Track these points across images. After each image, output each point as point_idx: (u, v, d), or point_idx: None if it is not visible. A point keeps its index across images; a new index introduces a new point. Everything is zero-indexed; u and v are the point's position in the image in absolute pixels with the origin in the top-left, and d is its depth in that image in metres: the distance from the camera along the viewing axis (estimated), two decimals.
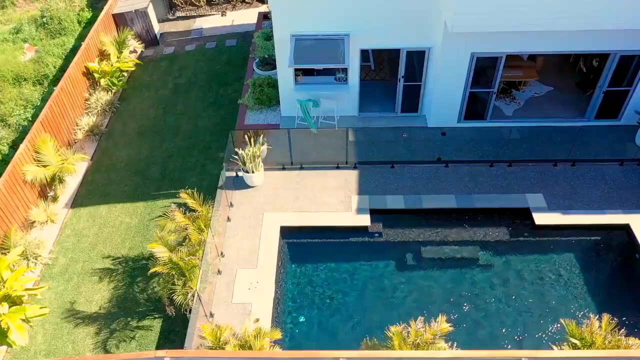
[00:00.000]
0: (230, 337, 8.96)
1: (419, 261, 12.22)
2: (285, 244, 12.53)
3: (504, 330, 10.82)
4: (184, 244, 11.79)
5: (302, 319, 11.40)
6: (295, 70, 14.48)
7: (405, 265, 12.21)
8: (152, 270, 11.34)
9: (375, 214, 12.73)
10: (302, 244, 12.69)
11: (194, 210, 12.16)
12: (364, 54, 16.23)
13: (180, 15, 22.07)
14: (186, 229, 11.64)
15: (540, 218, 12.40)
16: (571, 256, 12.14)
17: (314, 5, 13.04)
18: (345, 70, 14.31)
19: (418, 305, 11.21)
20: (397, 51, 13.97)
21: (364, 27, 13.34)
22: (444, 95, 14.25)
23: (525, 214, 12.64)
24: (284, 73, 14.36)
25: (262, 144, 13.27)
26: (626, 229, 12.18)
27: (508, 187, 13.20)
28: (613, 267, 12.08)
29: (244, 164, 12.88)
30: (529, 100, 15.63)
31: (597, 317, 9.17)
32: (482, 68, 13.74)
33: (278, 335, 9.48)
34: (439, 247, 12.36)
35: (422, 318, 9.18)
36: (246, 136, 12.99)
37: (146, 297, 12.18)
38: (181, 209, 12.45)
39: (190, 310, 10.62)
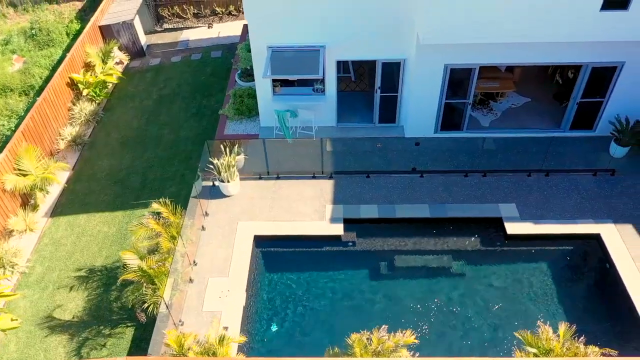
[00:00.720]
0: (194, 344, 9.01)
1: (391, 270, 12.31)
2: (259, 253, 12.62)
3: (470, 339, 10.85)
4: (156, 252, 11.86)
5: (274, 327, 11.45)
6: (274, 81, 14.69)
7: (378, 274, 12.29)
8: (122, 278, 11.41)
9: (349, 223, 12.83)
10: (276, 253, 12.77)
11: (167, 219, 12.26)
12: (345, 65, 16.54)
13: (168, 27, 22.35)
14: (159, 236, 11.72)
15: (512, 228, 12.50)
16: (542, 265, 12.21)
17: (289, 18, 13.25)
18: (322, 81, 14.50)
19: (388, 314, 11.25)
20: (375, 62, 14.17)
21: (340, 39, 13.55)
22: (420, 106, 14.42)
23: (498, 224, 12.73)
24: (262, 84, 14.56)
25: (238, 154, 13.39)
26: (597, 238, 12.27)
27: (482, 197, 13.31)
28: (583, 276, 12.15)
29: (219, 173, 13.00)
30: (506, 111, 15.80)
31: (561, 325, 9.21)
32: (457, 79, 13.90)
33: (242, 341, 9.52)
34: (411, 256, 12.46)
35: (386, 326, 9.23)
36: (222, 146, 13.11)
37: (120, 306, 12.23)
38: (156, 217, 12.54)
39: (171, 317, 10.70)
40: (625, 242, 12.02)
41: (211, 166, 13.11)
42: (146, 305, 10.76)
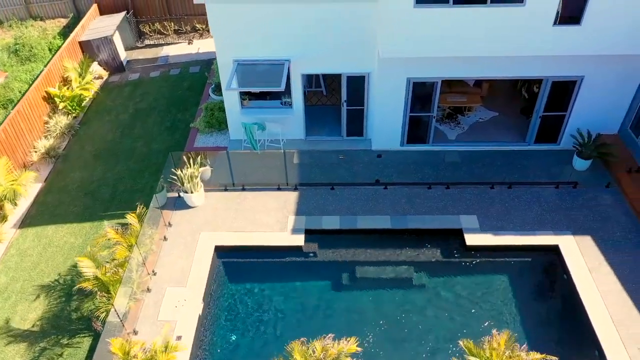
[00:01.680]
0: (139, 352, 9.04)
1: (350, 281, 12.35)
2: (220, 263, 12.69)
3: (418, 349, 10.85)
4: (114, 260, 11.92)
5: (233, 337, 11.46)
6: (245, 94, 14.92)
7: (337, 284, 12.33)
8: (77, 286, 11.46)
9: (311, 234, 12.92)
10: (236, 264, 12.84)
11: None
12: (316, 79, 16.80)
13: (149, 43, 22.70)
14: (119, 245, 11.81)
15: (472, 239, 12.57)
16: (500, 276, 12.27)
17: (254, 32, 13.51)
18: (289, 95, 14.72)
19: (344, 323, 11.26)
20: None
21: (304, 53, 13.80)
22: (385, 119, 14.61)
23: (458, 235, 12.80)
24: (230, 97, 14.78)
25: (202, 166, 13.54)
26: (556, 250, 12.33)
27: (444, 209, 13.41)
28: (540, 287, 12.19)
29: (182, 184, 13.13)
30: (473, 125, 15.99)
31: (512, 334, 9.24)
32: (421, 93, 14.11)
33: (185, 349, 9.54)
34: (370, 267, 12.51)
35: (332, 335, 9.26)
36: (185, 157, 13.27)
37: (79, 316, 12.24)
38: (118, 228, 12.64)
39: (123, 325, 10.73)
40: (583, 253, 12.09)
41: (175, 177, 13.22)
42: (98, 313, 10.77)
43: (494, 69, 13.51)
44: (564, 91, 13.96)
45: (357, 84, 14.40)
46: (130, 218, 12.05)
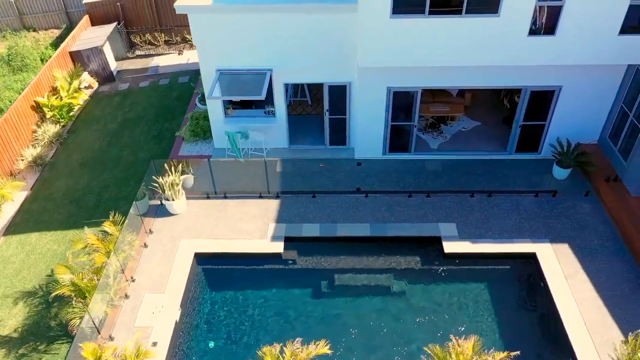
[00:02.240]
0: (110, 357, 9.08)
1: (329, 288, 12.40)
2: (199, 270, 12.75)
3: (396, 353, 10.88)
4: (92, 266, 11.99)
5: (212, 344, 11.50)
6: (227, 103, 15.08)
7: (316, 292, 12.38)
8: (54, 293, 11.52)
9: (290, 241, 13.00)
10: (216, 270, 12.91)
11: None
12: (302, 89, 16.99)
13: (140, 53, 22.94)
14: (98, 251, 11.89)
15: (450, 246, 12.65)
16: (478, 284, 12.32)
17: (236, 42, 13.71)
18: (273, 104, 14.88)
19: (322, 330, 11.26)
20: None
21: (286, 63, 13.98)
22: (367, 128, 14.75)
23: (437, 243, 12.88)
24: (214, 106, 14.94)
25: (183, 173, 13.66)
26: (533, 257, 12.40)
27: (423, 217, 13.50)
28: (517, 294, 12.22)
29: (164, 191, 13.24)
30: (456, 134, 16.13)
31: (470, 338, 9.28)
32: (401, 102, 14.27)
33: (153, 355, 9.59)
34: (349, 274, 12.56)
35: (300, 339, 9.32)
36: (166, 165, 13.40)
37: (58, 322, 12.25)
38: (99, 234, 12.72)
39: (98, 331, 10.79)
40: (560, 261, 12.16)
41: (156, 185, 13.34)
42: (73, 319, 10.82)
43: (473, 78, 13.68)
44: (543, 101, 14.12)
45: (339, 93, 14.56)
46: (108, 226, 12.11)
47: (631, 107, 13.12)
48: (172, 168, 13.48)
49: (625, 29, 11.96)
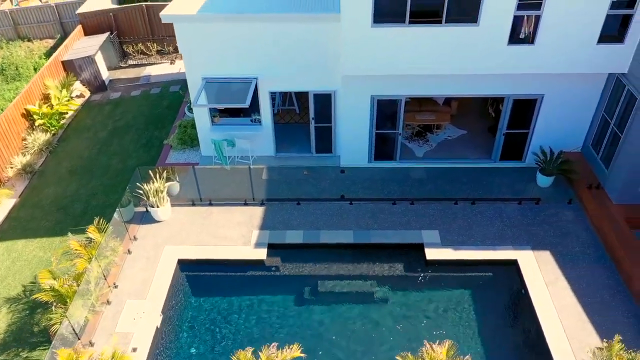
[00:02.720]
0: None
1: (311, 294, 12.43)
2: (183, 277, 12.80)
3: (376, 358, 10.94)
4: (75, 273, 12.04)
5: (193, 350, 11.52)
6: (213, 111, 15.22)
7: (298, 298, 12.41)
8: (33, 297, 11.58)
9: (274, 248, 13.06)
10: (198, 277, 12.96)
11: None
12: (290, 98, 17.15)
13: (132, 63, 23.16)
14: (81, 257, 11.95)
15: (432, 253, 12.71)
16: (459, 290, 12.37)
17: (221, 51, 13.88)
18: (259, 112, 15.02)
19: (302, 336, 11.30)
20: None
21: (271, 72, 14.14)
22: (352, 136, 14.87)
23: (420, 250, 12.93)
24: (201, 114, 15.08)
25: (168, 180, 13.76)
26: (515, 264, 12.44)
27: (407, 224, 13.57)
28: (498, 300, 12.25)
29: (148, 198, 13.33)
30: (442, 142, 16.25)
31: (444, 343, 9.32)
32: (385, 110, 14.39)
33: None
34: (331, 281, 12.59)
35: (276, 344, 9.36)
36: (151, 172, 13.50)
37: (41, 328, 12.30)
38: (84, 241, 12.79)
39: (77, 337, 10.81)
40: (541, 267, 12.21)
41: (141, 192, 13.43)
42: (54, 325, 10.86)
43: (456, 86, 13.82)
44: (525, 109, 14.25)
45: (324, 101, 14.70)
46: (92, 232, 12.20)
47: (612, 116, 13.24)
48: (157, 175, 13.57)
49: (603, 39, 12.12)
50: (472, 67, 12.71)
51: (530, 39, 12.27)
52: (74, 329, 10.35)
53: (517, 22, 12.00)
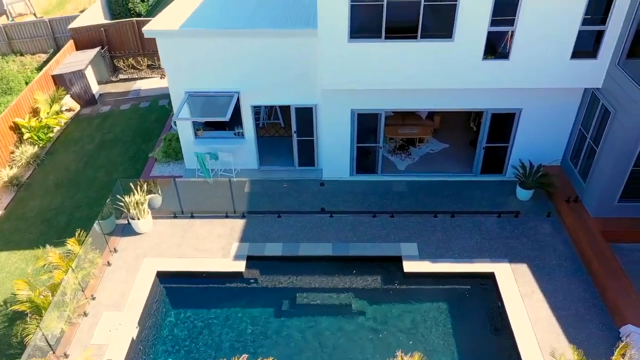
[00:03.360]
0: None
1: (289, 307, 12.47)
2: (161, 289, 12.84)
3: None
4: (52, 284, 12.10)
5: None
6: (197, 124, 15.39)
7: (276, 311, 12.44)
8: (12, 307, 11.61)
9: (253, 260, 13.12)
10: (178, 289, 13.00)
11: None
12: (275, 112, 17.34)
13: (123, 77, 23.43)
14: (57, 269, 12.02)
15: (410, 266, 12.76)
16: (436, 303, 12.38)
17: (203, 65, 14.08)
18: (241, 125, 15.20)
19: (280, 348, 11.36)
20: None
21: (253, 86, 14.34)
22: (334, 149, 15.01)
23: (398, 262, 12.98)
24: (184, 127, 15.25)
25: (149, 193, 13.87)
26: (492, 277, 12.49)
27: (386, 237, 13.64)
28: (474, 313, 12.26)
29: (129, 210, 13.43)
30: (424, 156, 16.39)
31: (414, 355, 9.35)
32: (366, 124, 14.55)
33: None
34: (309, 293, 12.64)
35: (246, 355, 9.40)
36: (131, 185, 13.62)
37: (20, 340, 12.31)
38: (63, 253, 12.86)
39: (51, 348, 10.83)
40: (517, 280, 12.26)
41: (121, 204, 13.54)
42: (27, 336, 10.89)
43: (435, 101, 14.00)
44: (504, 123, 14.40)
45: (306, 115, 14.87)
46: (71, 244, 12.28)
47: (588, 130, 13.39)
48: (139, 187, 13.69)
49: (577, 54, 12.31)
50: (448, 82, 12.89)
51: (504, 54, 12.45)
52: (47, 340, 10.39)
53: (491, 37, 12.19)
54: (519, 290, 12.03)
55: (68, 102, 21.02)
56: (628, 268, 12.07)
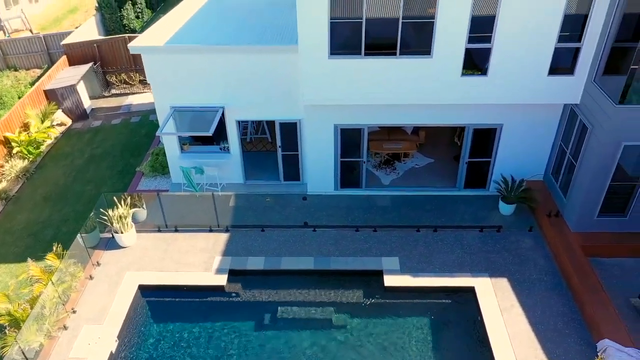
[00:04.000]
0: None
1: (270, 321, 12.47)
2: (143, 302, 12.87)
3: None
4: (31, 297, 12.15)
5: None
6: (184, 139, 15.55)
7: (257, 324, 12.45)
8: None
9: (235, 274, 13.18)
10: (160, 303, 13.02)
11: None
12: (262, 127, 17.52)
13: (115, 92, 23.69)
14: (38, 282, 12.08)
15: (391, 280, 12.81)
16: (417, 317, 12.38)
17: (188, 81, 14.28)
18: (227, 140, 15.35)
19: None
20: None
21: (237, 101, 14.53)
22: (318, 164, 15.14)
23: (379, 276, 13.02)
24: (170, 142, 15.41)
25: (134, 207, 13.98)
26: (472, 291, 12.53)
27: (368, 251, 13.70)
28: (454, 327, 12.25)
29: (112, 224, 13.52)
30: (409, 170, 16.52)
31: None
32: (349, 139, 14.70)
33: None
34: (290, 307, 12.65)
35: None
36: (115, 199, 13.73)
37: (1, 355, 12.34)
38: (45, 267, 12.93)
39: None
40: (497, 294, 12.29)
41: (105, 217, 13.64)
42: (4, 349, 10.92)
43: (417, 116, 14.16)
44: (486, 138, 14.55)
45: (290, 130, 15.03)
46: (50, 259, 12.36)
47: (568, 145, 13.52)
48: (122, 201, 13.80)
49: (554, 70, 12.49)
50: (428, 98, 13.05)
51: (483, 71, 12.63)
52: (23, 353, 10.41)
53: (469, 54, 12.38)
54: (498, 304, 12.06)
55: (60, 116, 21.22)
56: (607, 282, 12.13)
